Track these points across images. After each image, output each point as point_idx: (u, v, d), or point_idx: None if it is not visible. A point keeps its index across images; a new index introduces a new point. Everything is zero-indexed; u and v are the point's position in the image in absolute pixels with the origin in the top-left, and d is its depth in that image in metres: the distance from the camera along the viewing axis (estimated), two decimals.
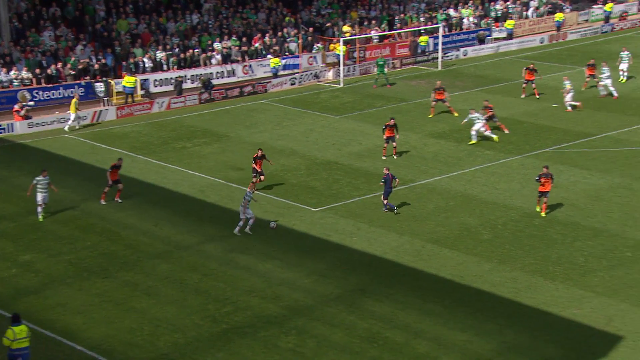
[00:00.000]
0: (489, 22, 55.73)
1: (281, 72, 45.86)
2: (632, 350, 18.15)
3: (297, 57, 46.96)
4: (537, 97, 39.03)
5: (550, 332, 19.10)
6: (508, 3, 58.73)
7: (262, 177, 28.33)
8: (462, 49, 51.74)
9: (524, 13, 58.58)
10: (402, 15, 53.77)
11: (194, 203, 27.73)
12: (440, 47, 49.26)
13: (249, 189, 24.83)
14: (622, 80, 42.66)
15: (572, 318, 19.63)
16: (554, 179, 25.24)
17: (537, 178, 25.54)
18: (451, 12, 55.80)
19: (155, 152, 33.09)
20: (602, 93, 39.11)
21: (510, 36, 54.82)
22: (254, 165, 28.50)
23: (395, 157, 31.40)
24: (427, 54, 50.46)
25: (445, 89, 37.45)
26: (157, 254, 23.73)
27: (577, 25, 59.33)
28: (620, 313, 19.68)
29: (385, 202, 26.12)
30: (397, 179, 26.18)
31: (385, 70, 44.14)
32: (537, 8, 59.12)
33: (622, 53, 43.19)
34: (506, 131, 33.84)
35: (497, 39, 54.58)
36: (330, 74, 46.86)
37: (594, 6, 62.14)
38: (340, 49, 45.78)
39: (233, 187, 29.11)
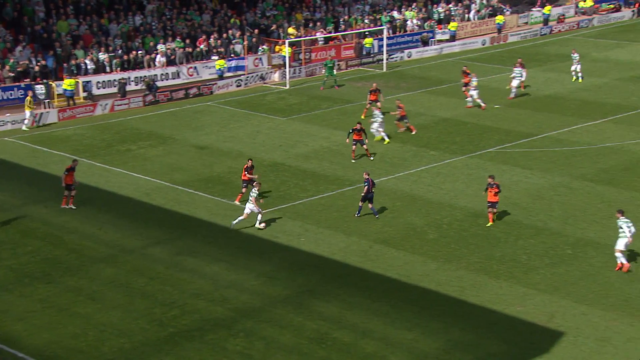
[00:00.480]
0: (432, 24, 56.50)
1: (227, 74, 45.66)
2: (573, 345, 18.60)
3: (243, 58, 46.81)
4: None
5: (494, 329, 19.45)
6: (450, 5, 59.65)
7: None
8: (406, 51, 52.32)
9: (466, 15, 59.55)
10: (346, 17, 54.10)
11: (139, 206, 27.39)
12: (384, 48, 49.70)
13: (255, 188, 25.08)
14: (574, 79, 43.58)
15: (516, 315, 20.02)
16: (500, 189, 25.06)
17: (484, 190, 25.43)
18: (395, 14, 56.39)
19: (98, 155, 32.56)
20: (512, 92, 40.01)
21: (453, 38, 55.67)
22: (244, 176, 27.41)
23: (371, 159, 31.51)
24: (372, 55, 50.86)
25: (380, 91, 37.63)
26: (102, 258, 23.36)
27: (517, 28, 60.59)
28: (561, 309, 20.15)
29: (361, 204, 25.76)
30: (375, 184, 25.80)
31: (334, 72, 44.31)
32: (478, 11, 60.17)
33: (572, 55, 44.20)
34: (414, 132, 34.32)
35: (440, 41, 55.37)
36: (276, 76, 46.82)
37: (533, 9, 63.55)
38: (286, 50, 45.81)
39: (179, 190, 28.84)
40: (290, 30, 50.30)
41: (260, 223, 25.26)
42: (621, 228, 22.16)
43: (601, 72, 45.48)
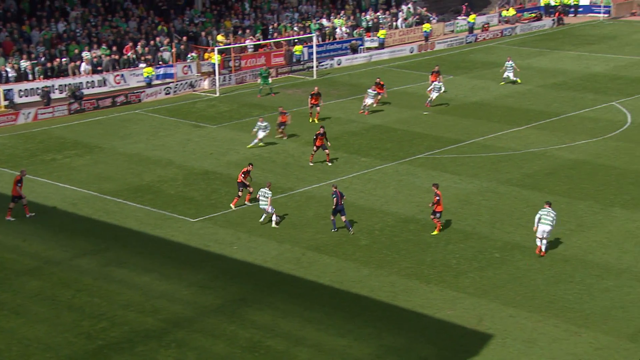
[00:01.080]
0: (361, 32, 57.11)
1: (155, 82, 45.10)
2: (502, 348, 19.02)
3: (171, 66, 46.32)
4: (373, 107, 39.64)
5: (425, 333, 19.72)
6: (378, 14, 60.40)
7: (250, 189, 27.59)
8: (336, 58, 52.72)
9: (394, 23, 60.41)
10: (275, 24, 54.15)
11: (65, 217, 26.74)
12: (314, 56, 49.97)
13: (267, 188, 25.95)
14: (503, 84, 44.93)
15: (446, 319, 20.35)
16: (439, 198, 25.02)
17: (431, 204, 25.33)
18: (324, 22, 56.76)
19: (22, 165, 31.62)
20: (432, 95, 40.89)
21: (381, 46, 56.39)
22: (241, 179, 27.27)
23: (329, 165, 31.58)
24: (302, 63, 51.05)
25: (320, 95, 37.95)
26: (26, 271, 22.69)
27: (443, 36, 61.81)
28: (490, 312, 20.58)
29: (332, 218, 25.22)
30: (344, 197, 25.18)
31: (269, 80, 44.17)
32: (405, 19, 61.11)
33: (507, 63, 45.45)
34: (284, 138, 34.72)
35: (369, 49, 56.01)
36: (205, 83, 46.50)
37: (459, 17, 64.95)
38: (215, 58, 45.56)
39: (107, 200, 28.30)
40: (220, 37, 50.04)
41: (275, 223, 25.98)
42: (547, 216, 23.41)
43: (525, 79, 46.79)
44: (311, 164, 31.71)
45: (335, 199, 25.16)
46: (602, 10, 69.13)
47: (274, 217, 26.00)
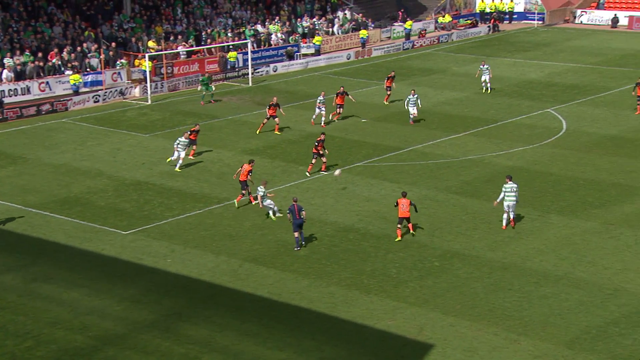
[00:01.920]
0: (296, 38, 57.31)
1: (83, 89, 44.32)
2: (442, 357, 19.28)
3: (100, 73, 45.60)
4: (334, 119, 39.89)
5: (366, 345, 19.84)
6: (314, 19, 60.73)
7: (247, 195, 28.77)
8: (272, 65, 52.76)
9: (330, 29, 60.83)
10: (209, 30, 53.88)
11: None
12: (250, 62, 49.91)
13: (262, 185, 27.00)
14: (484, 91, 45.64)
15: (387, 329, 20.52)
16: (413, 205, 25.64)
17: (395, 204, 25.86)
18: (259, 27, 56.76)
19: None
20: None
21: (318, 52, 56.70)
22: (243, 177, 28.48)
23: (325, 173, 31.86)
24: (237, 69, 50.92)
25: (279, 106, 37.61)
26: None
27: (380, 42, 62.55)
28: (430, 322, 20.85)
29: (296, 235, 24.85)
30: (304, 211, 24.89)
31: (212, 86, 43.92)
32: (341, 25, 61.61)
33: (481, 66, 46.31)
34: (191, 157, 33.51)
35: (305, 55, 56.25)
36: (136, 91, 45.92)
37: (395, 24, 65.85)
38: (146, 64, 45.05)
39: (32, 213, 27.63)
40: (151, 43, 49.52)
41: (274, 214, 27.20)
42: (510, 191, 25.95)
43: (461, 86, 47.72)
44: (308, 174, 31.65)
45: (289, 214, 24.94)
46: (537, 17, 71.10)
47: (274, 210, 27.38)
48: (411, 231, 26.17)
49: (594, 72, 51.44)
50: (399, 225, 25.72)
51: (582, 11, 71.62)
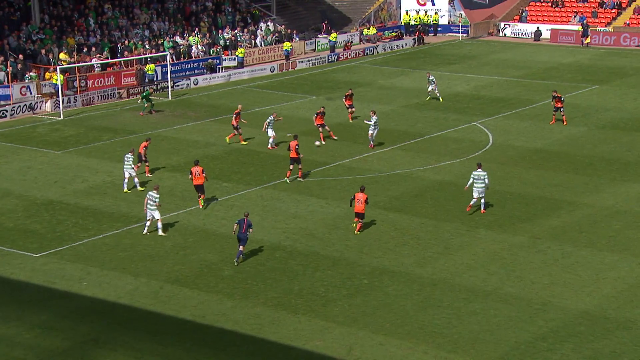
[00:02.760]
0: (218, 50, 57.14)
1: None
2: None
3: (7, 87, 44.40)
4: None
5: None
6: (236, 31, 60.69)
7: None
8: (192, 78, 52.43)
9: (253, 41, 60.89)
10: (125, 42, 53.18)
11: None
12: (169, 75, 49.47)
13: (154, 191, 26.86)
14: (428, 99, 47.42)
15: (315, 350, 20.55)
16: (367, 201, 27.73)
17: (352, 198, 27.80)
18: (178, 39, 56.36)
19: None
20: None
21: (240, 65, 56.66)
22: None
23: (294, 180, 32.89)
24: (155, 83, 50.39)
25: (239, 115, 37.80)
26: None
27: (304, 54, 62.96)
28: (359, 341, 20.97)
29: (241, 248, 25.12)
30: (251, 229, 25.11)
31: (151, 99, 43.86)
32: (264, 36, 61.75)
33: (429, 77, 48.06)
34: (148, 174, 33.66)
35: (227, 68, 56.13)
36: (47, 106, 44.94)
37: (320, 35, 66.43)
38: (58, 78, 44.15)
39: None
40: (62, 55, 48.55)
41: (162, 230, 27.12)
42: (478, 179, 29.11)
43: (388, 99, 48.43)
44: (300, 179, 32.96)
45: (236, 224, 25.16)
46: (461, 30, 72.89)
47: (159, 224, 27.08)
48: (356, 230, 27.61)
49: (518, 85, 53.00)
50: (357, 220, 27.61)
51: (505, 24, 73.75)
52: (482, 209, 29.63)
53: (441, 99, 47.61)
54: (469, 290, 23.76)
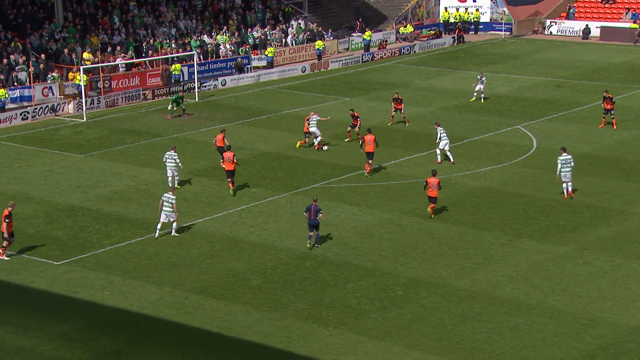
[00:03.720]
0: (247, 49, 57.44)
1: (9, 105, 43.72)
2: None
3: (29, 87, 45.06)
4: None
5: None
6: (266, 29, 60.93)
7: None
8: (220, 79, 52.77)
9: (284, 40, 61.11)
10: (150, 41, 53.70)
11: None
12: (195, 76, 49.84)
13: (170, 193, 27.91)
14: (475, 100, 47.79)
15: None
16: (441, 186, 29.95)
17: (424, 184, 30.02)
18: (205, 38, 56.76)
19: None
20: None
21: (270, 64, 56.89)
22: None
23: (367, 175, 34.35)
24: (181, 83, 50.79)
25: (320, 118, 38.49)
26: None
27: (337, 54, 63.04)
28: (394, 356, 20.90)
29: (310, 234, 27.13)
30: (321, 213, 27.03)
31: (182, 104, 44.11)
32: (295, 35, 61.94)
33: (478, 77, 48.55)
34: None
35: (256, 68, 56.39)
36: (70, 107, 45.50)
37: (353, 34, 66.46)
38: (81, 78, 44.70)
39: None
40: (86, 55, 49.15)
41: (176, 231, 28.07)
42: (566, 163, 31.37)
43: (425, 101, 48.30)
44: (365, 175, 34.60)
45: (306, 212, 26.93)
46: (504, 28, 72.48)
47: (174, 225, 27.94)
48: (431, 214, 29.76)
49: (565, 86, 52.54)
50: (431, 204, 29.89)
51: (551, 21, 73.22)
52: (570, 191, 31.60)
53: (483, 100, 47.47)
54: (510, 304, 23.57)
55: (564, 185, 31.65)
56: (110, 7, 55.31)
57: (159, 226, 27.81)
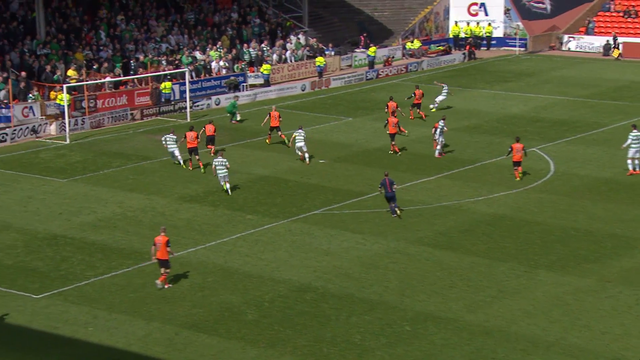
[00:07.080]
0: (242, 66, 57.72)
1: None
2: None
3: (8, 107, 45.27)
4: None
5: None
6: (263, 45, 61.20)
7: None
8: (213, 97, 53.02)
9: (283, 56, 61.42)
10: (140, 57, 53.98)
11: None
12: (187, 94, 50.09)
13: (221, 157, 34.49)
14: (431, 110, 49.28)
15: None
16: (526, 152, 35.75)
17: (509, 149, 35.76)
18: (198, 54, 57.06)
19: None
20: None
21: (267, 82, 57.16)
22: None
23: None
24: (172, 102, 51.03)
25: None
26: None
27: (340, 71, 63.37)
28: None
29: (391, 205, 32.08)
30: (395, 185, 32.28)
31: (238, 116, 47.77)
32: (294, 50, 62.26)
33: (444, 87, 51.08)
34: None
35: (253, 86, 56.67)
36: (52, 128, 45.72)
37: (357, 50, 66.82)
38: (64, 97, 44.92)
39: None
40: (70, 72, 49.43)
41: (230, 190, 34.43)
42: (636, 139, 36.06)
43: (434, 121, 48.34)
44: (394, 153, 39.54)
45: (381, 187, 31.77)
46: (518, 44, 72.87)
47: (227, 185, 34.51)
48: (517, 177, 35.92)
49: (584, 105, 52.77)
50: (515, 168, 35.66)
51: (569, 37, 73.66)
52: (638, 169, 35.89)
53: (434, 110, 49.59)
54: (527, 341, 23.55)
55: (629, 162, 35.40)
56: (98, 20, 55.61)
57: (227, 186, 34.74)
